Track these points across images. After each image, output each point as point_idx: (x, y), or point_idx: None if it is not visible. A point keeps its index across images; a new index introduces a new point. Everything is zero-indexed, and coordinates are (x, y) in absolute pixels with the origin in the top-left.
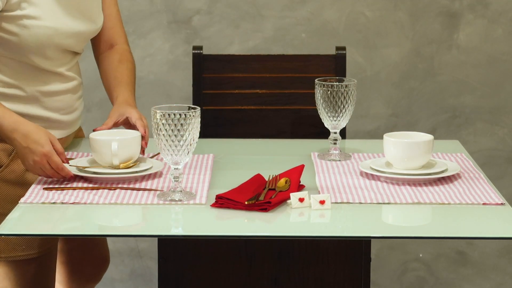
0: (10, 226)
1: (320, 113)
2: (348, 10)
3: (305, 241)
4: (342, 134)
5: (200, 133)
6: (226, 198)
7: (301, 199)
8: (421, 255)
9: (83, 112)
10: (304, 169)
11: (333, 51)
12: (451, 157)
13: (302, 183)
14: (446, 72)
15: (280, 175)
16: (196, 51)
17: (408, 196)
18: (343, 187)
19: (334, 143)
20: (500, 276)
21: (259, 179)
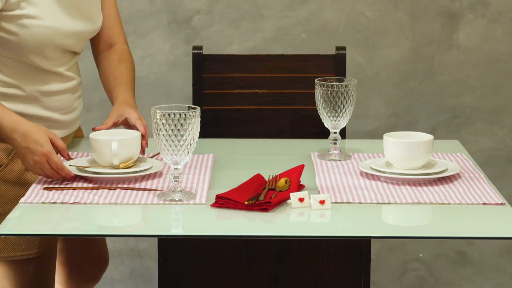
0: (10, 226)
1: (320, 113)
2: (348, 10)
3: (305, 241)
4: (342, 134)
5: (200, 133)
6: (226, 198)
7: (301, 199)
8: (421, 255)
9: (82, 112)
10: (304, 169)
11: (333, 51)
12: (451, 157)
13: (302, 183)
14: (446, 72)
15: (280, 175)
16: (196, 51)
17: (408, 196)
18: (343, 187)
19: (334, 143)
20: (500, 276)
21: (259, 179)
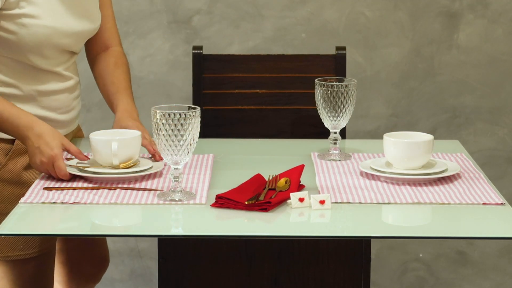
0: (10, 226)
1: (320, 113)
2: (348, 10)
3: (305, 241)
4: (342, 134)
5: (200, 133)
6: (226, 198)
7: (301, 199)
8: (421, 255)
9: (82, 112)
10: (304, 169)
11: (333, 51)
12: (451, 157)
13: (302, 183)
14: (446, 72)
15: (280, 175)
16: (196, 51)
17: (408, 196)
18: (343, 187)
19: (334, 143)
20: (500, 276)
21: (259, 179)
